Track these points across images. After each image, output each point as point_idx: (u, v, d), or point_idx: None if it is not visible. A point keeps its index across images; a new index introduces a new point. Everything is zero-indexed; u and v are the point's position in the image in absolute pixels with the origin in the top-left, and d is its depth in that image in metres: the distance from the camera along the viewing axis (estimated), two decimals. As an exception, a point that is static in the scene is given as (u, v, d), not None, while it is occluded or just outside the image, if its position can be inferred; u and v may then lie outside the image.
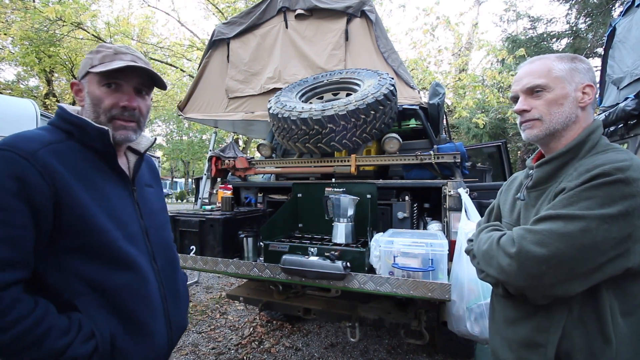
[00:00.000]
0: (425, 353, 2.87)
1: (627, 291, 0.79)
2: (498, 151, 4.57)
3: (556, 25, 9.70)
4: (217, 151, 3.09)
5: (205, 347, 2.98)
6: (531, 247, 0.79)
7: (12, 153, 0.77)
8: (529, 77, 0.93)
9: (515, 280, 0.83)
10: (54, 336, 0.77)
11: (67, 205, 0.82)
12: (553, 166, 0.92)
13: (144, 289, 0.93)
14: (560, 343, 0.82)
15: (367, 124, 2.30)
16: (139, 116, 0.99)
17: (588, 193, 0.78)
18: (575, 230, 0.75)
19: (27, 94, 10.83)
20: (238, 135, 8.43)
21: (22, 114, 4.33)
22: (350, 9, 3.05)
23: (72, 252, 0.84)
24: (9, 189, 0.75)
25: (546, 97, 0.91)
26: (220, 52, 3.59)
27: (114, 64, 0.91)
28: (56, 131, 0.91)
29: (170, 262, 1.10)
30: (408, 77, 2.93)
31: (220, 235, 2.25)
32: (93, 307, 0.85)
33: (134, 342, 0.89)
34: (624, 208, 0.73)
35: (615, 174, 0.76)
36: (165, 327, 0.99)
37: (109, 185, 0.94)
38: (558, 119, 0.90)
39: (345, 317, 2.17)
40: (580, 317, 0.80)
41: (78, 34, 8.84)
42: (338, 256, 1.86)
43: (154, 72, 0.99)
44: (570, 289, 0.78)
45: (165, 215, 1.17)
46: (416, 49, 9.46)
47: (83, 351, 0.80)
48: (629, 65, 2.75)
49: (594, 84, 0.92)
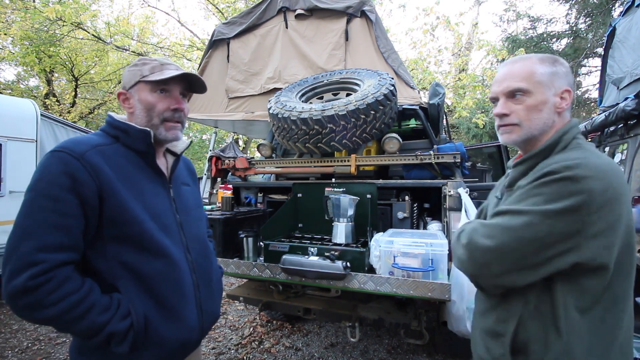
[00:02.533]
0: (425, 353, 2.87)
1: (583, 287, 0.80)
2: (498, 151, 4.57)
3: (556, 25, 9.71)
4: (217, 151, 3.09)
5: (205, 347, 2.98)
6: (480, 238, 0.85)
7: (66, 154, 0.90)
8: (511, 79, 0.92)
9: (467, 269, 0.89)
10: (96, 312, 0.88)
11: (109, 199, 0.93)
12: (525, 166, 0.94)
13: (176, 276, 1.02)
14: (518, 333, 0.85)
15: (367, 124, 2.30)
16: (184, 118, 1.12)
17: (536, 190, 0.82)
18: (519, 224, 0.80)
19: (27, 94, 10.81)
20: (238, 135, 8.44)
21: (22, 114, 4.32)
22: (350, 9, 3.05)
23: (114, 241, 0.95)
24: (63, 184, 0.88)
25: (526, 103, 0.91)
26: (221, 52, 3.59)
27: (166, 72, 1.04)
28: (105, 136, 1.04)
29: (204, 254, 1.18)
30: (408, 77, 2.93)
31: (220, 235, 2.25)
32: (131, 290, 0.95)
33: (165, 323, 0.98)
34: (570, 204, 0.75)
35: (563, 172, 0.78)
36: (196, 313, 1.07)
37: (147, 182, 1.04)
38: (536, 125, 0.91)
39: (345, 317, 2.17)
40: (537, 309, 0.84)
41: (78, 34, 8.83)
42: (338, 256, 1.86)
43: (199, 78, 1.12)
44: (518, 280, 0.81)
45: (200, 212, 1.27)
46: (416, 49, 9.46)
47: (121, 327, 0.90)
48: (629, 65, 2.75)
49: (571, 88, 0.92)
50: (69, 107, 10.89)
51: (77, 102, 11.29)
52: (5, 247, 0.86)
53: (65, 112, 10.56)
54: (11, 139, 4.10)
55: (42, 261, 0.83)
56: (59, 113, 10.30)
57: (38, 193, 0.87)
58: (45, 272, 0.83)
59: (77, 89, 11.15)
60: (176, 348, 1.01)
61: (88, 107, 11.74)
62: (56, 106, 10.70)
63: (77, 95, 11.26)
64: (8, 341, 3.11)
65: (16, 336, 3.20)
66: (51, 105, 10.62)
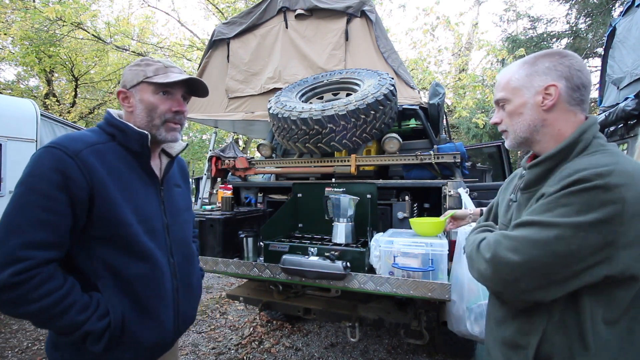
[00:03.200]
0: (425, 353, 2.87)
1: (611, 298, 0.76)
2: (498, 151, 4.57)
3: (556, 25, 9.70)
4: (217, 151, 3.10)
5: (205, 347, 2.99)
6: (505, 253, 0.79)
7: (60, 151, 0.90)
8: (496, 90, 0.98)
9: (492, 285, 0.84)
10: (75, 310, 0.89)
11: (99, 199, 0.93)
12: (542, 169, 0.89)
13: (157, 280, 1.03)
14: (541, 346, 0.81)
15: (367, 124, 2.30)
16: (184, 120, 1.14)
17: (565, 200, 0.76)
18: (549, 237, 0.74)
19: (27, 94, 10.80)
20: (238, 135, 8.44)
21: (22, 114, 4.33)
22: (350, 9, 3.05)
23: (99, 241, 0.95)
24: (54, 181, 0.88)
25: (507, 109, 0.95)
26: (221, 52, 3.59)
27: (172, 76, 1.05)
28: (101, 133, 1.04)
29: (187, 257, 1.19)
30: (408, 77, 2.93)
31: (220, 235, 2.25)
32: (111, 290, 0.96)
33: (142, 325, 0.99)
34: (602, 215, 0.71)
35: (594, 180, 0.72)
36: (172, 316, 1.08)
37: (139, 183, 1.05)
38: (521, 128, 0.92)
39: (345, 317, 2.17)
40: (562, 321, 0.80)
41: (78, 34, 8.83)
42: (338, 256, 1.86)
43: (202, 82, 1.13)
44: (548, 295, 0.77)
45: (188, 214, 1.28)
46: (416, 49, 9.46)
47: (98, 326, 0.91)
48: (629, 65, 2.75)
49: (558, 81, 0.86)
50: (69, 107, 10.89)
51: (77, 102, 11.29)
52: None
53: (65, 112, 10.57)
54: (11, 139, 4.10)
55: (26, 258, 0.84)
56: (59, 113, 10.30)
57: (28, 188, 0.87)
58: (29, 269, 0.83)
59: (77, 89, 11.15)
60: (151, 349, 1.03)
61: (88, 107, 11.74)
62: (56, 106, 10.71)
63: (77, 95, 11.26)
64: (8, 341, 3.11)
65: (16, 336, 3.20)
66: (51, 105, 10.62)
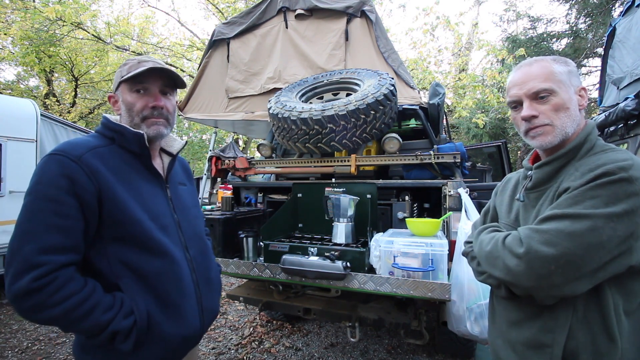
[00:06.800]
0: (425, 353, 2.87)
1: (630, 289, 0.79)
2: (498, 151, 4.57)
3: (556, 25, 9.68)
4: (217, 151, 3.09)
5: (205, 347, 2.99)
6: (539, 246, 0.78)
7: (64, 157, 0.91)
8: (534, 80, 0.90)
9: (523, 281, 0.81)
10: (99, 310, 0.89)
11: (108, 200, 0.94)
12: (553, 167, 0.92)
13: (176, 274, 1.04)
14: (566, 343, 0.82)
15: (367, 124, 2.30)
16: (167, 114, 1.11)
17: (593, 192, 0.78)
18: (583, 229, 0.75)
19: (27, 94, 10.80)
20: (238, 135, 8.44)
21: (22, 114, 4.32)
22: (350, 9, 3.05)
23: (114, 241, 0.96)
24: (62, 186, 0.89)
25: (553, 102, 0.89)
26: (221, 52, 3.59)
27: (138, 70, 1.04)
28: (101, 137, 1.05)
29: (202, 252, 1.20)
30: (408, 77, 2.93)
31: (220, 235, 2.25)
32: (133, 288, 0.97)
33: (168, 320, 0.99)
34: (628, 206, 0.74)
35: (619, 173, 0.76)
36: (197, 310, 1.09)
37: (144, 183, 1.06)
38: (570, 124, 0.90)
39: (345, 317, 2.17)
40: (585, 316, 0.80)
41: (78, 34, 8.82)
42: (338, 256, 1.86)
43: (173, 72, 1.10)
44: (577, 289, 0.77)
45: (197, 210, 1.28)
46: (416, 49, 9.46)
47: (124, 325, 0.91)
48: (629, 65, 2.74)
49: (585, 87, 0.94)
50: (69, 107, 10.90)
51: (77, 102, 11.30)
52: (7, 250, 0.87)
53: (65, 112, 10.57)
54: (11, 139, 4.10)
55: (44, 263, 0.84)
56: (59, 113, 10.30)
57: (37, 195, 0.89)
58: (47, 273, 0.84)
59: (77, 89, 11.16)
60: (178, 344, 1.03)
61: (88, 107, 11.75)
62: (56, 106, 10.71)
63: (77, 95, 11.27)
64: (8, 341, 3.11)
65: (16, 336, 3.20)
66: (51, 105, 10.62)
